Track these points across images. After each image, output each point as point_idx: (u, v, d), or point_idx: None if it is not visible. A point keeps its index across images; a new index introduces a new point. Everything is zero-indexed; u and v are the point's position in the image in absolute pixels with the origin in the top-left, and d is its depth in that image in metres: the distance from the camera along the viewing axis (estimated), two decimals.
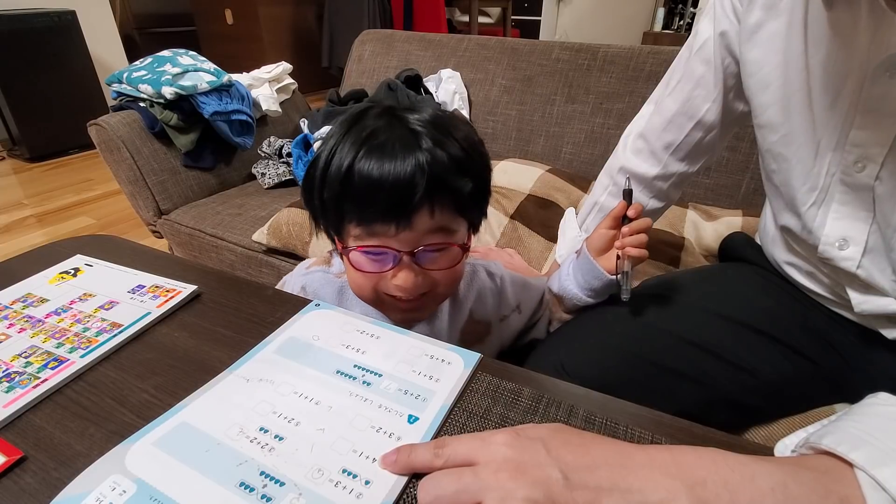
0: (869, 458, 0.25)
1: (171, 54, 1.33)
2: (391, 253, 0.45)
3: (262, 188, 1.37)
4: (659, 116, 0.67)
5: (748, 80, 0.56)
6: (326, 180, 0.44)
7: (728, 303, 0.59)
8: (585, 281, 0.59)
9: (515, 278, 0.63)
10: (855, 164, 0.48)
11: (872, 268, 0.50)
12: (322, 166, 0.45)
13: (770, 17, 0.51)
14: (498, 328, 0.61)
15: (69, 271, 0.53)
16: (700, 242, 0.98)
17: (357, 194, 0.43)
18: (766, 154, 0.57)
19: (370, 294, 0.49)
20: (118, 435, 0.33)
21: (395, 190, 0.41)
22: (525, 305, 0.63)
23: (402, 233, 0.43)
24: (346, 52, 1.74)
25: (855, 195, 0.49)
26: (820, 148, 0.50)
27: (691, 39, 0.63)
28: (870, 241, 0.49)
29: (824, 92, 0.48)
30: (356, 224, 0.44)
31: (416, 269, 0.46)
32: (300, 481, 0.30)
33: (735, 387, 0.55)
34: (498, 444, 0.29)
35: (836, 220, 0.51)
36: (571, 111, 1.30)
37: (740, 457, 0.27)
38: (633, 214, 0.55)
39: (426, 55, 1.53)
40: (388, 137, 0.43)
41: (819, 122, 0.49)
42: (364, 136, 0.43)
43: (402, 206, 0.42)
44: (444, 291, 0.50)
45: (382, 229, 0.43)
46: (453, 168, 0.43)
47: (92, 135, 1.23)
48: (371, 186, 0.42)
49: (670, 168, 0.68)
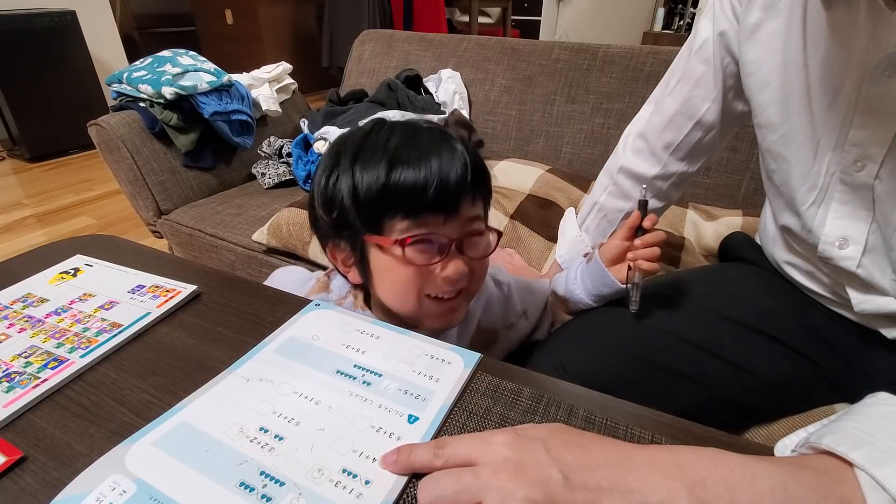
0: (869, 457, 0.25)
1: (171, 54, 1.33)
2: (438, 244, 0.45)
3: (262, 188, 1.37)
4: (659, 116, 0.67)
5: (747, 79, 0.56)
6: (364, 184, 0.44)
7: (728, 303, 0.59)
8: (594, 287, 0.60)
9: (521, 284, 0.64)
10: (854, 164, 0.47)
11: (872, 267, 0.50)
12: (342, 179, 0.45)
13: (769, 17, 0.51)
14: (505, 335, 0.62)
15: (69, 271, 0.53)
16: (700, 242, 0.98)
17: (405, 187, 0.43)
18: (765, 153, 0.57)
19: (414, 299, 0.48)
20: (118, 435, 0.33)
21: (446, 179, 0.43)
22: (532, 311, 0.64)
23: (450, 221, 0.45)
24: (346, 52, 1.74)
25: (854, 194, 0.49)
26: (819, 147, 0.50)
27: (691, 39, 0.63)
28: (869, 241, 0.49)
29: (823, 91, 0.48)
30: (403, 218, 0.44)
31: (462, 258, 0.47)
32: (300, 481, 0.30)
33: (735, 387, 0.55)
34: (498, 444, 0.29)
35: (836, 220, 0.51)
36: (571, 111, 1.30)
37: (740, 457, 0.27)
38: (648, 225, 0.55)
39: (426, 55, 1.53)
40: (421, 136, 0.45)
41: (818, 122, 0.49)
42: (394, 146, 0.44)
43: (452, 196, 0.44)
44: (475, 287, 0.51)
45: (432, 219, 0.44)
46: (479, 159, 0.47)
47: (92, 135, 1.23)
48: (421, 179, 0.43)
49: (670, 168, 0.68)
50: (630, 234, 0.56)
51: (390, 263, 0.46)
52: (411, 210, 0.44)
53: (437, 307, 0.49)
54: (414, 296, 0.48)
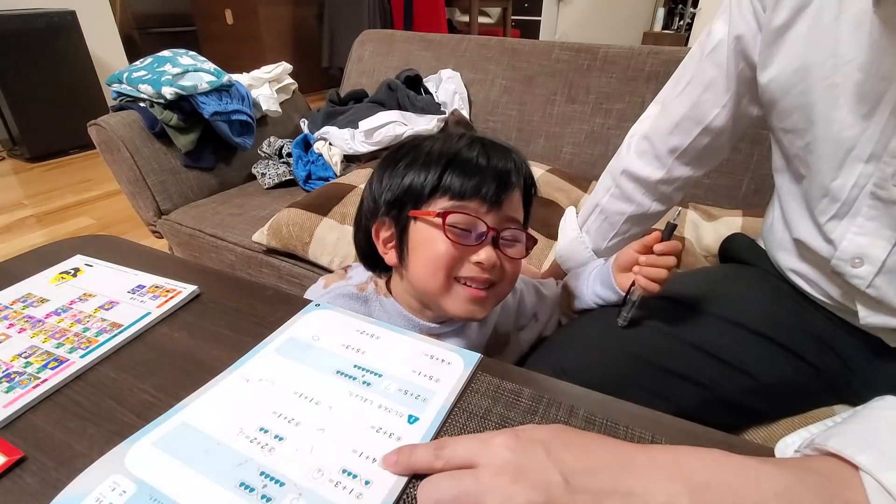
0: (875, 461, 0.25)
1: (171, 54, 1.33)
2: (477, 231, 0.48)
3: (262, 188, 1.37)
4: (665, 119, 0.65)
5: (769, 85, 0.53)
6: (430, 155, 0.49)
7: (728, 305, 0.59)
8: (601, 289, 0.61)
9: (530, 286, 0.65)
10: (893, 178, 0.44)
11: (888, 287, 0.47)
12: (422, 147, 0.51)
13: (799, 18, 0.49)
14: (516, 338, 0.63)
15: (69, 271, 0.53)
16: (700, 242, 0.98)
17: (463, 170, 0.48)
18: (794, 159, 0.54)
19: (443, 277, 0.49)
20: (118, 435, 0.33)
21: (496, 173, 0.48)
22: (541, 313, 0.66)
23: (491, 212, 0.48)
24: (346, 52, 1.74)
25: (884, 211, 0.46)
26: (848, 159, 0.47)
27: (704, 39, 0.60)
28: (889, 261, 0.47)
29: (859, 99, 0.45)
30: (450, 198, 0.48)
31: (495, 251, 0.49)
32: (300, 481, 0.30)
33: (734, 388, 0.55)
34: (498, 446, 0.29)
35: (858, 236, 0.48)
36: (571, 111, 1.30)
37: (744, 459, 0.27)
38: (659, 250, 0.53)
39: (426, 55, 1.53)
40: (486, 143, 0.51)
41: (849, 132, 0.46)
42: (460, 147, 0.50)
43: (499, 189, 0.48)
44: (504, 289, 0.52)
45: (475, 206, 0.47)
46: (529, 170, 0.53)
47: (92, 135, 1.23)
48: (477, 166, 0.48)
49: (674, 172, 0.67)
50: (644, 250, 0.55)
51: (429, 237, 0.48)
52: (458, 192, 0.47)
53: (464, 292, 0.49)
54: (444, 274, 0.49)
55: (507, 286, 0.52)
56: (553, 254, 0.91)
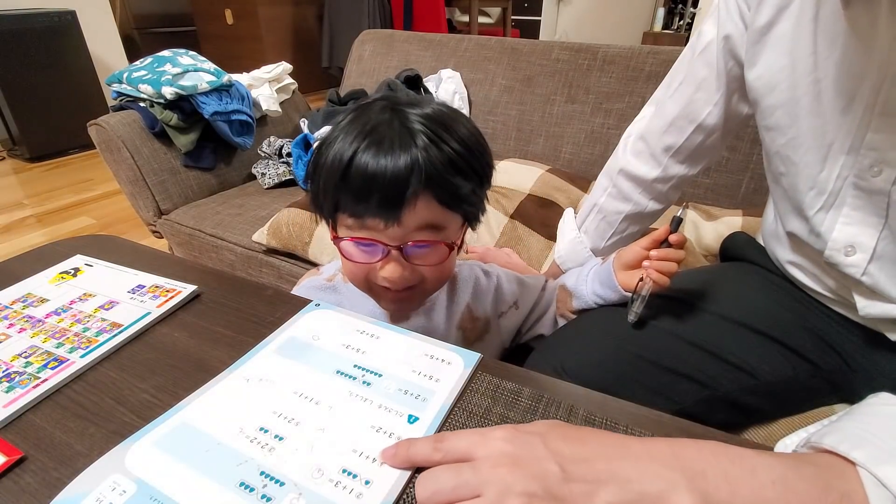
0: (870, 456, 0.25)
1: (171, 54, 1.33)
2: (380, 246, 0.46)
3: (262, 188, 1.37)
4: (660, 119, 0.67)
5: (755, 82, 0.55)
6: (327, 168, 0.45)
7: (728, 303, 0.59)
8: (601, 289, 0.61)
9: (510, 276, 0.65)
10: (871, 169, 0.46)
11: (880, 275, 0.48)
12: (326, 153, 0.46)
13: (781, 18, 0.50)
14: (497, 324, 0.63)
15: (69, 271, 0.53)
16: (700, 242, 0.98)
17: (352, 188, 0.44)
18: (774, 157, 0.56)
19: (362, 282, 0.51)
20: (118, 435, 0.33)
21: (388, 187, 0.42)
22: (522, 301, 0.65)
23: (390, 228, 0.44)
24: (346, 52, 1.74)
25: (868, 200, 0.48)
26: (831, 151, 0.49)
27: (694, 40, 0.63)
28: (878, 248, 0.48)
29: (837, 94, 0.47)
30: (349, 215, 0.45)
31: (403, 263, 0.47)
32: (300, 481, 0.30)
33: (734, 387, 0.55)
34: (496, 439, 0.29)
35: (846, 226, 0.49)
36: (571, 111, 1.30)
37: (741, 449, 0.27)
38: (674, 240, 0.54)
39: (426, 55, 1.53)
40: (386, 133, 0.43)
41: (830, 126, 0.48)
42: (366, 130, 0.44)
43: (393, 203, 0.43)
44: (431, 287, 0.52)
45: (373, 223, 0.44)
46: (448, 167, 0.44)
47: (92, 135, 1.23)
48: (365, 182, 0.43)
49: (670, 171, 0.68)
50: (653, 245, 0.55)
51: (343, 250, 0.49)
52: (356, 212, 0.45)
53: (386, 294, 0.50)
54: (361, 281, 0.51)
55: (433, 283, 0.51)
56: (553, 255, 0.91)
